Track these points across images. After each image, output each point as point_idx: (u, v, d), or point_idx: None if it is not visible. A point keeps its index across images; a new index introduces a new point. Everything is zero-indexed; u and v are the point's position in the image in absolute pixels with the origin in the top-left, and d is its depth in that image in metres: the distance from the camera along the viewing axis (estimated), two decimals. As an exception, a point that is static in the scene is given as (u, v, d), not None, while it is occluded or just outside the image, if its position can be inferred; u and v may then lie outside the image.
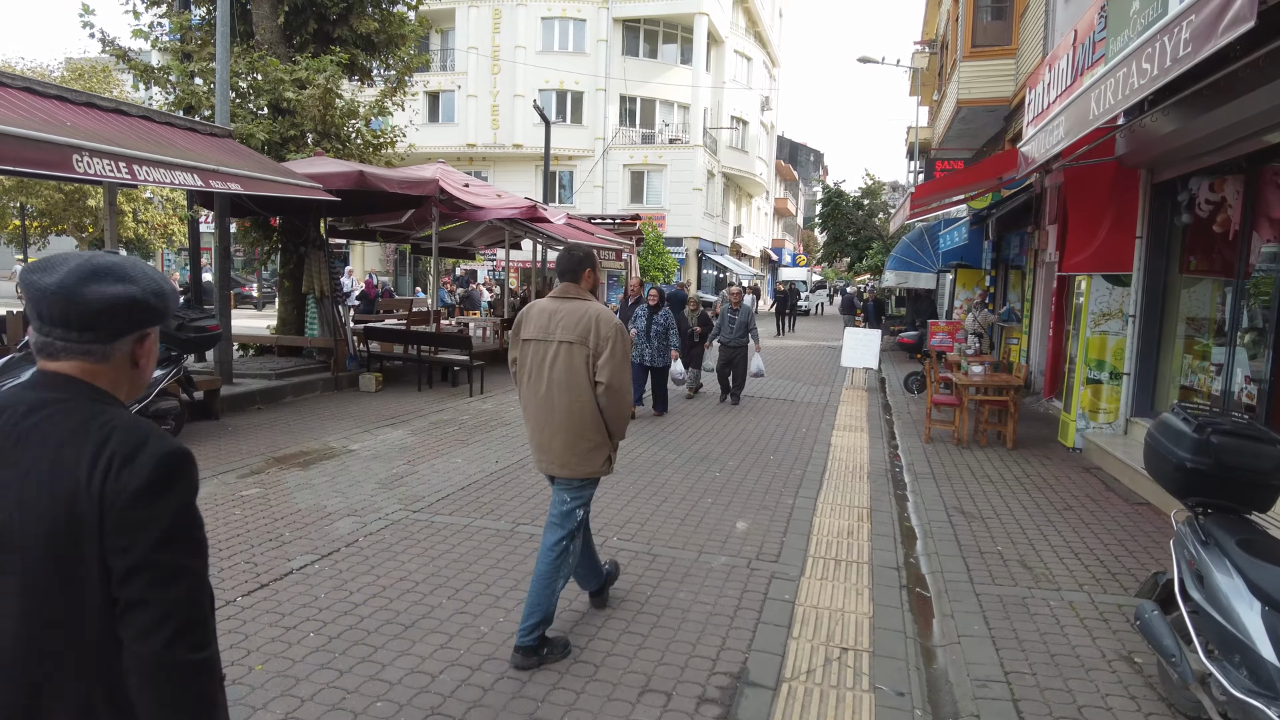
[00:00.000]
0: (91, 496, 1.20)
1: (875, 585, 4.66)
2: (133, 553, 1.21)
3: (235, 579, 4.32)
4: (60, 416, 1.26)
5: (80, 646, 1.24)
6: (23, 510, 1.22)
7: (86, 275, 1.28)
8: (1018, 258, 15.07)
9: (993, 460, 7.95)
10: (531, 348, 3.59)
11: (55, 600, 1.23)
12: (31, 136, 5.77)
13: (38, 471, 1.23)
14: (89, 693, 1.25)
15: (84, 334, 1.28)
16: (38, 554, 1.21)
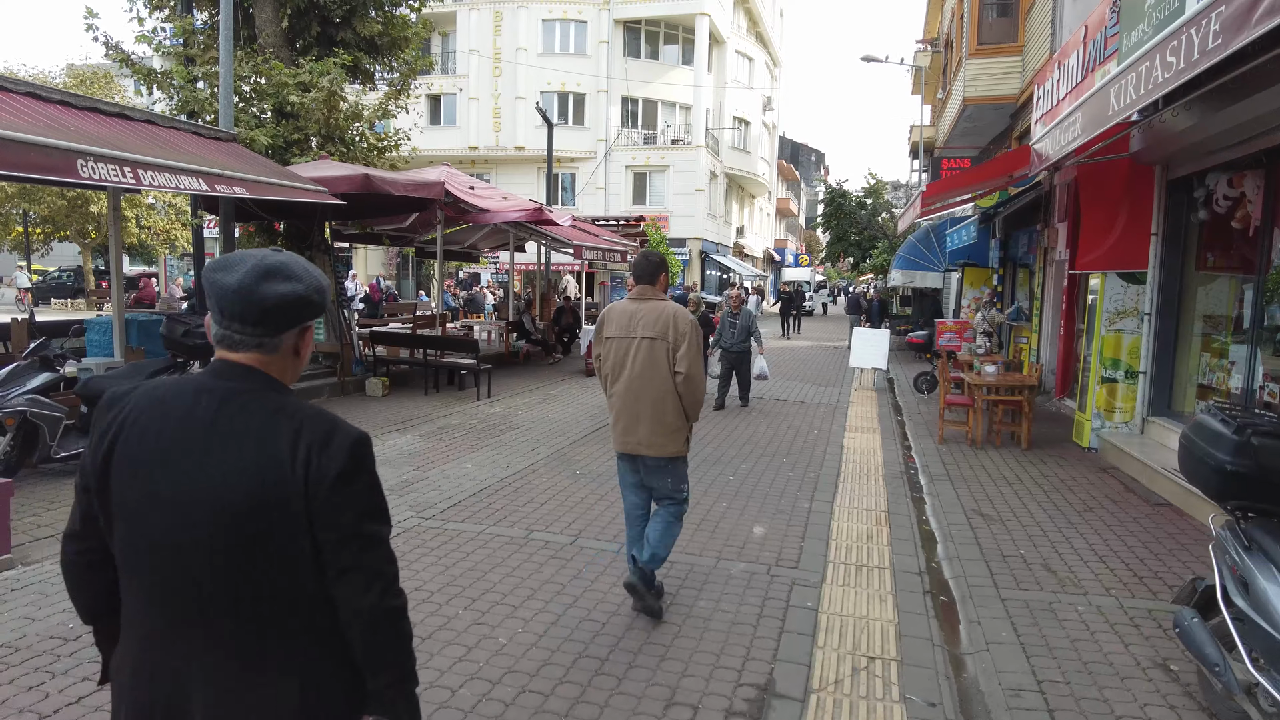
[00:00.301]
0: (295, 479, 1.36)
1: (898, 591, 4.57)
2: (342, 527, 1.39)
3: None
4: (254, 405, 1.41)
5: (288, 606, 1.40)
6: (238, 489, 1.35)
7: (261, 275, 1.41)
8: (1026, 256, 14.97)
9: (1008, 461, 7.85)
10: (614, 344, 4.05)
11: (265, 569, 1.37)
12: (36, 142, 5.69)
13: (246, 457, 1.36)
14: (294, 643, 1.42)
15: (257, 328, 1.43)
16: (251, 527, 1.35)
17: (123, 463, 1.40)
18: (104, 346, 8.27)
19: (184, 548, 1.37)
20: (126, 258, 40.84)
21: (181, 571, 1.38)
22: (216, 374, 1.44)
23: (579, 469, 7.13)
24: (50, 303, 32.50)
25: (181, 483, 1.37)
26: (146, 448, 1.39)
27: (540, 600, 4.22)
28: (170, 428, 1.40)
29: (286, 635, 1.41)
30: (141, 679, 1.42)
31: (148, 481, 1.39)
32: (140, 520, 1.39)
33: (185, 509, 1.37)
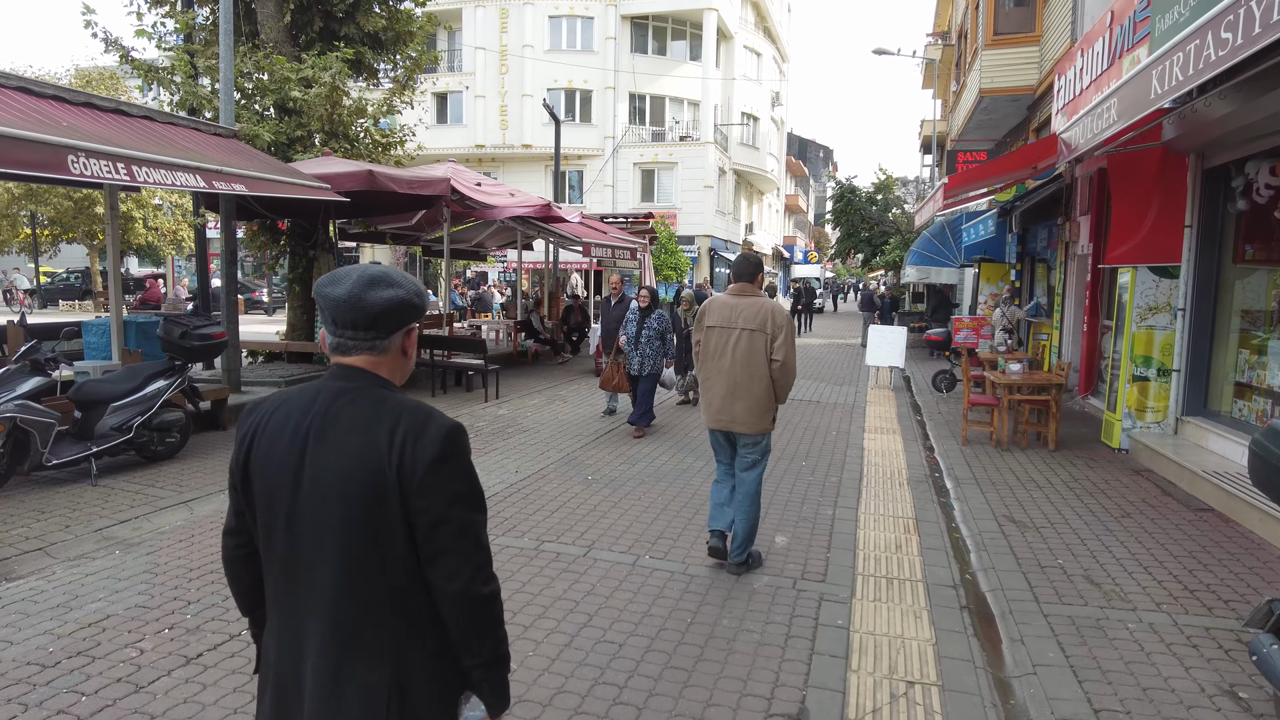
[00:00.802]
0: (392, 467, 1.48)
1: (933, 606, 4.30)
2: (433, 511, 1.49)
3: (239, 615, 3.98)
4: (362, 401, 1.55)
5: (386, 586, 1.51)
6: (342, 478, 1.49)
7: (366, 284, 1.55)
8: (1045, 251, 14.63)
9: (1035, 463, 7.55)
10: (715, 333, 4.63)
11: (367, 550, 1.49)
12: (23, 137, 5.45)
13: (350, 446, 1.50)
14: (396, 622, 1.52)
15: (368, 333, 1.57)
16: (355, 512, 1.48)
17: (258, 459, 1.58)
18: (102, 349, 8.06)
19: (305, 532, 1.53)
20: (135, 259, 40.86)
21: (301, 555, 1.53)
22: (333, 376, 1.60)
23: (590, 474, 6.86)
24: (58, 304, 32.48)
25: (304, 472, 1.53)
26: (275, 444, 1.56)
27: (552, 619, 3.96)
28: (293, 425, 1.56)
29: (383, 618, 1.52)
30: (279, 657, 1.58)
31: (276, 473, 1.55)
32: (271, 511, 1.56)
33: (306, 495, 1.53)
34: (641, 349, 8.65)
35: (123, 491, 5.93)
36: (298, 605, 1.55)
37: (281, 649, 1.58)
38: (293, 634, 1.56)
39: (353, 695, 1.50)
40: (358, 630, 1.52)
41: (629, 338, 8.68)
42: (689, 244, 30.96)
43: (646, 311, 8.78)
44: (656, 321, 8.74)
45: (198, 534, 5.14)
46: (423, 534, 1.51)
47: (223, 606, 4.00)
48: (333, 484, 1.50)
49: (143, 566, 4.55)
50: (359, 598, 1.51)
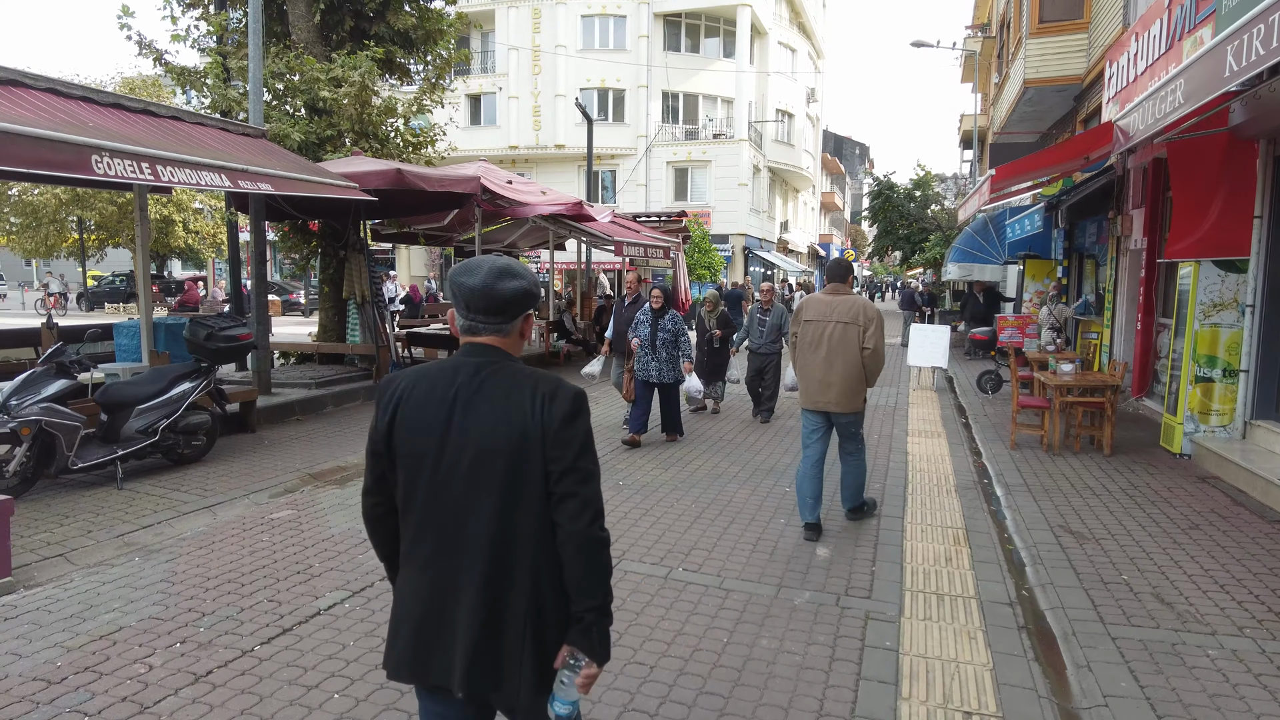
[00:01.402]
0: (535, 423, 1.73)
1: (989, 626, 3.99)
2: (564, 460, 1.73)
3: (256, 622, 3.82)
4: (501, 371, 1.79)
5: (528, 528, 1.75)
6: (492, 435, 1.73)
7: (496, 275, 1.78)
8: (1094, 246, 14.07)
9: (1090, 469, 7.15)
10: (812, 326, 5.30)
11: (513, 497, 1.74)
12: (47, 136, 5.39)
13: (497, 409, 1.74)
14: (534, 556, 1.76)
15: (497, 317, 1.81)
16: (504, 464, 1.73)
17: (403, 426, 1.79)
18: (132, 351, 8.04)
19: (452, 487, 1.77)
20: (178, 262, 41.67)
21: (448, 509, 1.77)
22: (467, 353, 1.83)
23: (621, 479, 6.64)
24: (104, 306, 33.17)
25: (451, 434, 1.76)
26: (421, 412, 1.78)
27: (580, 637, 3.73)
28: (438, 394, 1.79)
29: (526, 560, 1.77)
30: (420, 597, 1.80)
31: (424, 437, 1.78)
32: (417, 469, 1.78)
33: (453, 455, 1.76)
34: (658, 354, 7.91)
35: (147, 495, 5.84)
36: (447, 550, 1.79)
37: (423, 591, 1.81)
38: (440, 576, 1.79)
39: (505, 620, 1.77)
40: (506, 566, 1.77)
41: (641, 341, 7.97)
42: (723, 243, 30.62)
43: (659, 313, 8.00)
44: (670, 323, 7.97)
45: (219, 540, 5.01)
46: (554, 479, 1.75)
47: (236, 620, 3.84)
48: (483, 442, 1.75)
49: (160, 575, 4.42)
50: (506, 538, 1.77)
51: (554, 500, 1.76)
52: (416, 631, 1.80)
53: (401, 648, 1.81)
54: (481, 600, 1.76)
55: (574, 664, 1.78)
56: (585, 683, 1.77)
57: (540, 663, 1.79)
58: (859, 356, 5.15)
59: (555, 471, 1.75)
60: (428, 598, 1.79)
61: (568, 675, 1.78)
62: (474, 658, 1.75)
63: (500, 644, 1.76)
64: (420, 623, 1.80)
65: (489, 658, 1.76)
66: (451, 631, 1.77)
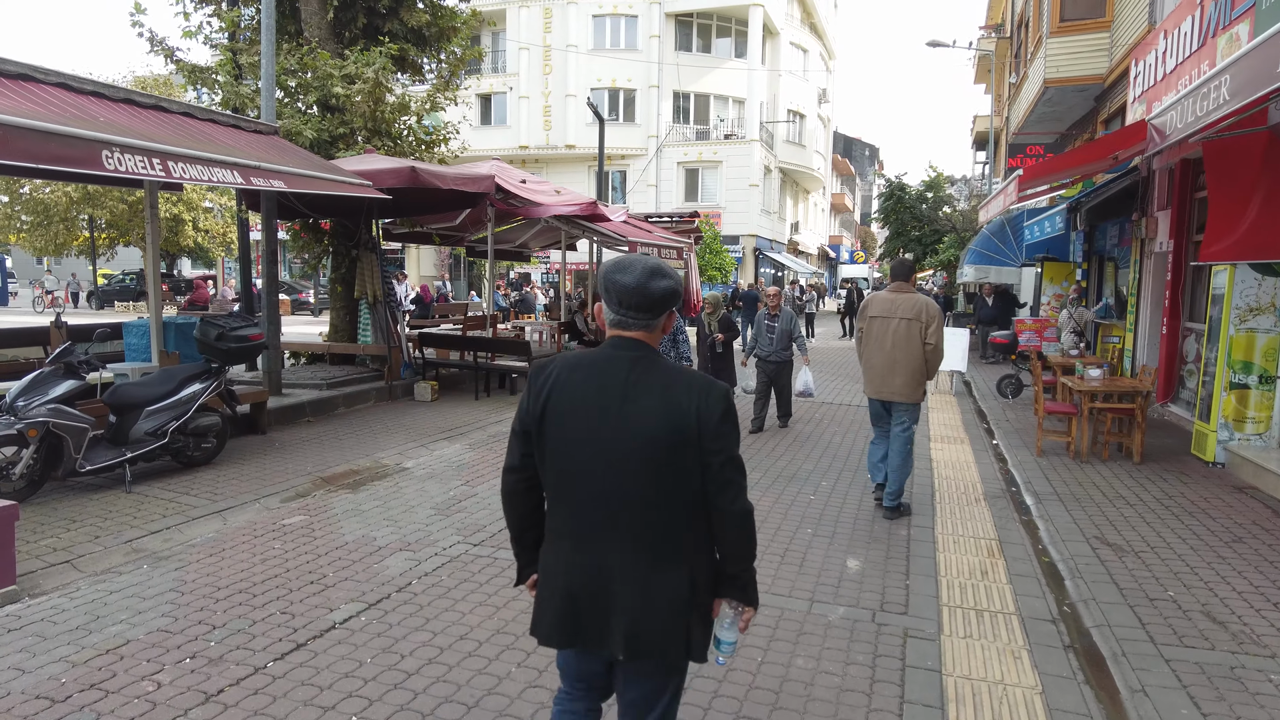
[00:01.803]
0: (693, 417, 1.90)
1: (1033, 645, 3.80)
2: (724, 451, 1.93)
3: (268, 636, 3.66)
4: (653, 366, 1.96)
5: (681, 510, 1.94)
6: (651, 427, 1.89)
7: (649, 274, 1.94)
8: (1115, 249, 13.84)
9: (1120, 477, 6.94)
10: (877, 322, 5.72)
11: (670, 482, 1.91)
12: (58, 131, 5.25)
13: (656, 404, 1.91)
14: (687, 535, 1.97)
15: (647, 314, 1.97)
16: (662, 453, 1.89)
17: (555, 412, 1.94)
18: (142, 350, 7.91)
19: (609, 471, 1.90)
20: (187, 260, 41.72)
21: (605, 490, 1.92)
22: (617, 346, 1.97)
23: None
24: (114, 305, 33.19)
25: (608, 422, 1.90)
26: (575, 400, 1.93)
27: (606, 655, 3.56)
28: (594, 385, 1.93)
29: (678, 535, 1.95)
30: (573, 573, 1.95)
31: (579, 424, 1.92)
32: (572, 453, 1.93)
33: (611, 441, 1.89)
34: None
35: (156, 499, 5.70)
36: (602, 529, 1.95)
37: (575, 566, 1.97)
38: (593, 552, 1.95)
39: (661, 592, 1.94)
40: (661, 544, 1.95)
41: None
42: (733, 244, 30.44)
43: None
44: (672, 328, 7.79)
45: (229, 547, 4.86)
46: (715, 469, 1.92)
47: (248, 633, 3.68)
48: (643, 432, 1.89)
49: (169, 584, 4.27)
50: (662, 519, 1.94)
51: (714, 486, 1.94)
52: (571, 603, 1.97)
53: (553, 618, 1.99)
54: (641, 575, 1.94)
55: (732, 613, 2.08)
56: (745, 624, 2.09)
57: (705, 625, 2.04)
58: (921, 351, 5.59)
59: (715, 462, 1.92)
60: (583, 571, 1.96)
61: (729, 621, 2.09)
62: (638, 629, 1.93)
63: (662, 615, 1.94)
64: (575, 596, 1.97)
65: (653, 628, 1.94)
66: (610, 603, 1.94)
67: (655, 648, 1.95)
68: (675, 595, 1.95)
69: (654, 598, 1.93)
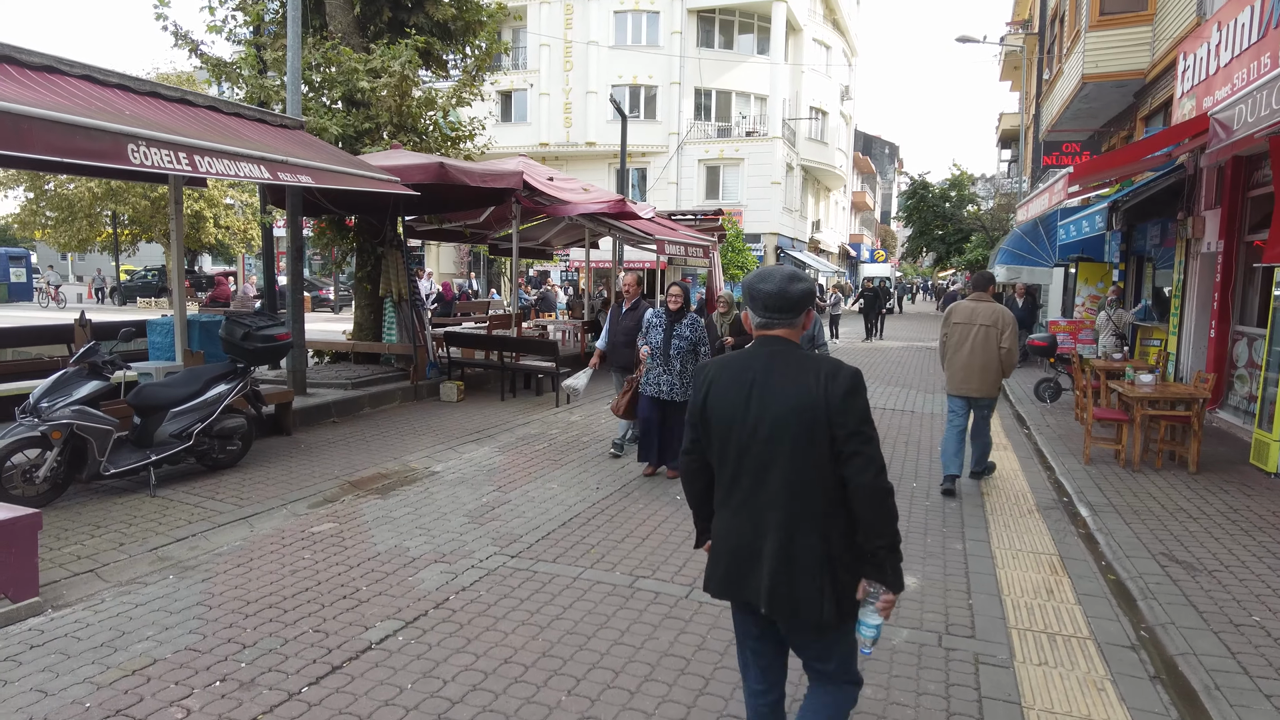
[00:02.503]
0: (820, 397, 2.16)
1: (1116, 675, 3.53)
2: (848, 426, 2.15)
3: (302, 657, 3.46)
4: (791, 357, 2.27)
5: (817, 481, 2.19)
6: (787, 409, 2.19)
7: (787, 280, 2.28)
8: (1155, 249, 13.45)
9: (1178, 488, 6.63)
10: (959, 328, 6.48)
11: (807, 455, 2.18)
12: (83, 124, 5.09)
13: (789, 387, 2.21)
14: (821, 505, 2.20)
15: (787, 314, 2.29)
16: (797, 430, 2.17)
17: (714, 404, 2.31)
18: (166, 349, 7.77)
19: (756, 449, 2.24)
20: (209, 257, 41.91)
21: (754, 465, 2.25)
22: (762, 344, 2.32)
23: (679, 493, 6.23)
24: (136, 301, 33.36)
25: (751, 407, 2.25)
26: (727, 391, 2.29)
27: (662, 682, 3.33)
28: (740, 378, 2.29)
29: (815, 505, 2.20)
30: (732, 537, 2.29)
31: (730, 411, 2.27)
32: (727, 435, 2.28)
33: (756, 424, 2.24)
34: (670, 366, 6.54)
35: (181, 504, 5.53)
36: (756, 499, 2.23)
37: (736, 530, 2.27)
38: (750, 518, 2.24)
39: (802, 554, 2.18)
40: (798, 512, 2.18)
41: (653, 347, 6.59)
42: (755, 242, 30.10)
43: (676, 316, 6.63)
44: (690, 329, 6.60)
45: (257, 557, 4.67)
46: (840, 442, 2.14)
47: (280, 653, 3.49)
48: (780, 413, 2.18)
49: (196, 596, 4.08)
50: (798, 489, 2.18)
51: (842, 459, 2.16)
52: (733, 560, 2.28)
53: (720, 573, 2.31)
54: (780, 539, 2.20)
55: (874, 593, 2.20)
56: (885, 608, 2.20)
57: (837, 593, 2.19)
58: (997, 354, 6.34)
59: (841, 435, 2.15)
60: (740, 535, 2.28)
61: (870, 603, 2.20)
62: (774, 585, 2.19)
63: (796, 575, 2.18)
64: (735, 554, 2.28)
65: (786, 586, 2.19)
66: (759, 562, 2.23)
67: (790, 605, 2.19)
68: (810, 558, 2.18)
69: (792, 558, 2.19)
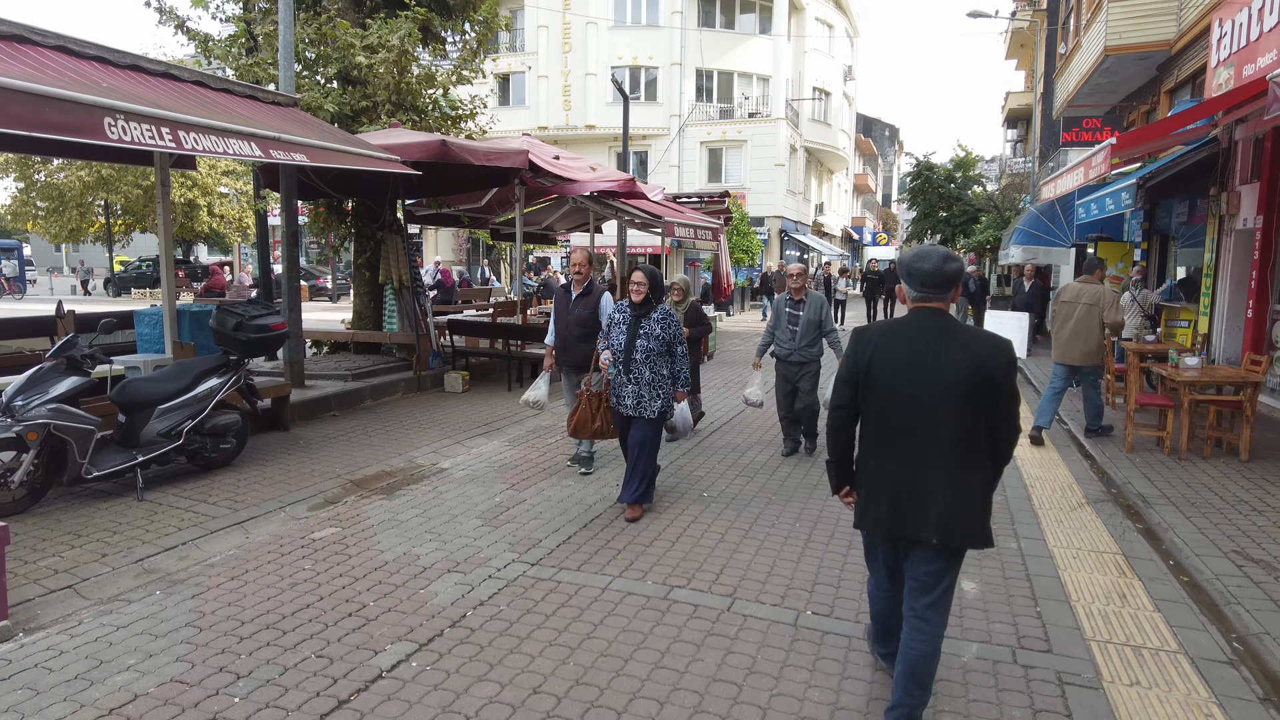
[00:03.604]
0: (989, 365, 2.61)
1: (1220, 697, 3.14)
2: (1007, 390, 2.64)
3: (304, 689, 3.05)
4: (953, 328, 2.69)
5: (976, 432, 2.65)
6: (958, 373, 2.62)
7: (942, 260, 2.70)
8: (1181, 227, 13.00)
9: (1233, 478, 6.23)
10: (1065, 306, 7.49)
11: (971, 410, 2.63)
12: (53, 95, 4.64)
13: (962, 354, 2.63)
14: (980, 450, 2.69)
15: (942, 290, 2.71)
16: (965, 392, 2.61)
17: (879, 365, 2.73)
18: (154, 341, 7.33)
19: (924, 405, 2.66)
20: (204, 246, 41.33)
21: (920, 420, 2.67)
22: (923, 315, 2.74)
23: (705, 490, 5.83)
24: (130, 292, 32.84)
25: (922, 370, 2.66)
26: (895, 355, 2.71)
27: (714, 714, 2.93)
28: (908, 344, 2.70)
29: (976, 451, 2.68)
30: (894, 482, 2.71)
31: (899, 372, 2.69)
32: (893, 394, 2.70)
33: (925, 384, 2.65)
34: (637, 373, 5.10)
35: (170, 508, 5.12)
36: (917, 445, 2.69)
37: (898, 477, 2.73)
38: (910, 463, 2.71)
39: (967, 492, 2.68)
40: (964, 458, 2.68)
41: (615, 350, 5.20)
42: (759, 225, 29.58)
43: (642, 309, 5.19)
44: (661, 325, 5.14)
45: (253, 568, 4.26)
46: (1000, 402, 2.66)
47: (279, 685, 3.08)
48: (951, 377, 2.64)
49: (185, 616, 3.67)
50: (964, 438, 2.67)
51: (1000, 416, 2.67)
52: (893, 501, 2.71)
53: (878, 513, 2.76)
54: (951, 480, 2.65)
55: None
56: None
57: (982, 522, 2.70)
58: (1098, 329, 7.28)
59: (1001, 398, 2.65)
60: (903, 480, 2.70)
61: None
62: (948, 520, 2.64)
63: (969, 508, 2.67)
64: (898, 498, 2.70)
65: (959, 517, 2.65)
66: (922, 500, 2.67)
67: (961, 535, 2.66)
68: (976, 494, 2.69)
69: (962, 496, 2.66)
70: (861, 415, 2.80)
